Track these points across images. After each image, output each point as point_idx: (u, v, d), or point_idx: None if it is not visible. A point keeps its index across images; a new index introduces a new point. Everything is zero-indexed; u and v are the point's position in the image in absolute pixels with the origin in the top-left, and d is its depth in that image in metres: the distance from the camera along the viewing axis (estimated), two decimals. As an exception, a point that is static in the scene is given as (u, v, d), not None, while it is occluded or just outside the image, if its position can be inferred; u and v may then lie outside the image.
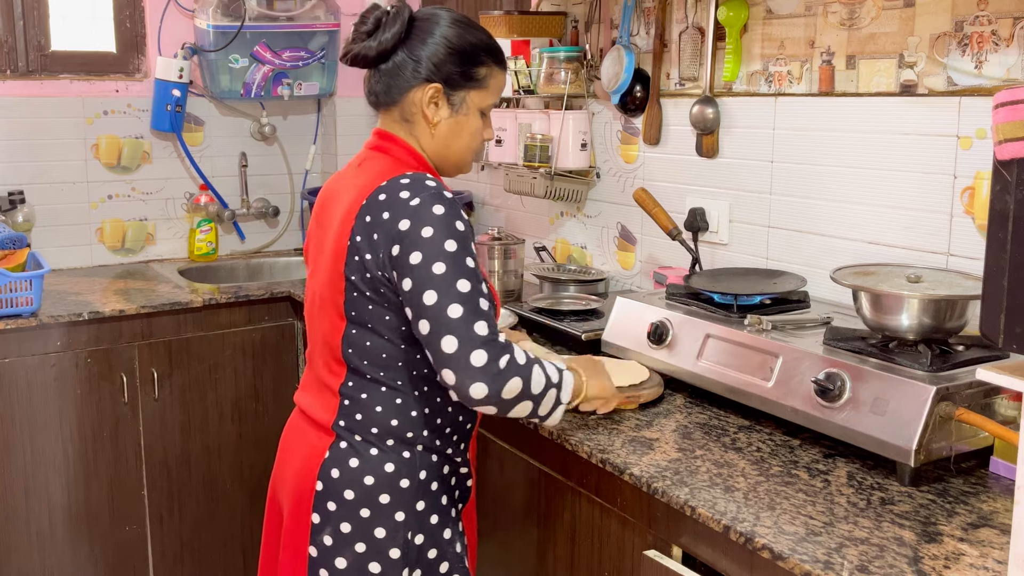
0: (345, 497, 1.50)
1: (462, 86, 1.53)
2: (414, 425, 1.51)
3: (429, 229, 1.39)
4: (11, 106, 3.06)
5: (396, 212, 1.42)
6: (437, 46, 1.50)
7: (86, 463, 2.67)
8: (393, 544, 1.50)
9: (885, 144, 1.93)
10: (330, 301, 1.50)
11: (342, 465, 1.51)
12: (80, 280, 3.03)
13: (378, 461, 1.50)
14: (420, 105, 1.52)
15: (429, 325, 1.37)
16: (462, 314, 1.35)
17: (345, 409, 1.52)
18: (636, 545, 1.60)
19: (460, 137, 1.56)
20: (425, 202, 1.41)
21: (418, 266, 1.38)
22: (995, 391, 1.50)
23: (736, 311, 1.88)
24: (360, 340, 1.49)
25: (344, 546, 1.51)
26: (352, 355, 1.50)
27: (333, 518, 1.51)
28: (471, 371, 1.35)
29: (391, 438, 1.51)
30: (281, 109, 3.54)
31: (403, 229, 1.40)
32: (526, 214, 3.01)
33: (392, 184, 1.45)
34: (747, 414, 1.80)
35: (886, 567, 1.23)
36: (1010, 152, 1.07)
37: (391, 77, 1.52)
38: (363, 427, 1.51)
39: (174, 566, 2.85)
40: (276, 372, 2.94)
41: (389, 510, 1.50)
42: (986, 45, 1.74)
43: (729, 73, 2.24)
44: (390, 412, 1.50)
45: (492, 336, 1.37)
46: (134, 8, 3.25)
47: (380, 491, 1.50)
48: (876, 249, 1.96)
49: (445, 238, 1.39)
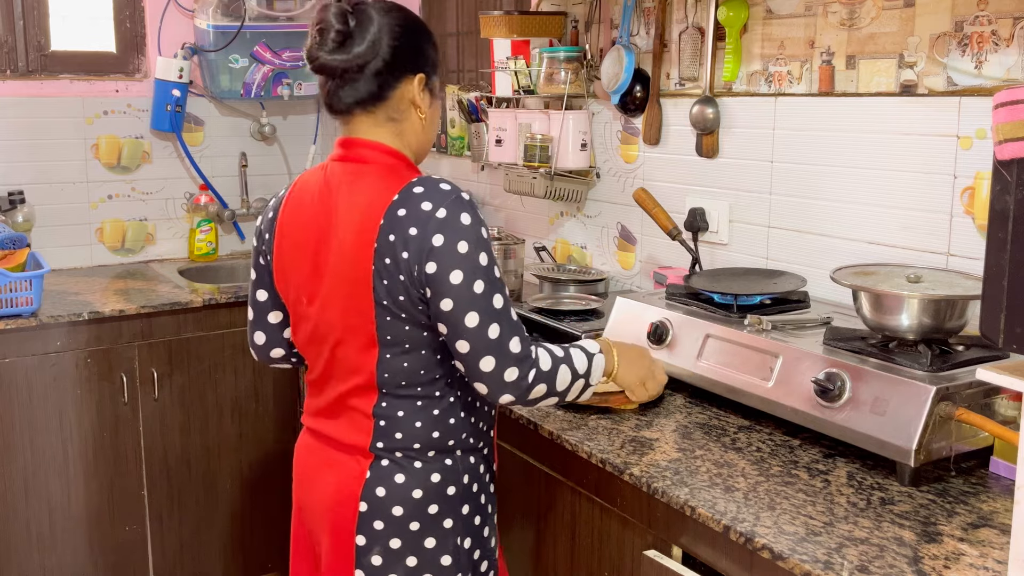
0: (393, 514, 1.47)
1: (436, 73, 1.53)
2: (454, 432, 1.50)
3: (464, 244, 1.38)
4: (11, 106, 3.06)
5: (424, 226, 1.38)
6: (417, 35, 1.48)
7: (86, 463, 2.67)
8: (444, 551, 1.49)
9: (885, 144, 1.93)
10: (359, 330, 1.44)
11: (387, 483, 1.47)
12: (80, 280, 3.03)
13: (424, 474, 1.48)
14: (411, 98, 1.49)
15: (469, 345, 1.40)
16: (500, 334, 1.40)
17: (381, 430, 1.48)
18: (636, 545, 1.60)
19: (436, 122, 1.57)
20: (452, 212, 1.39)
21: (459, 286, 1.37)
22: (995, 391, 1.50)
23: (736, 311, 1.88)
24: (397, 363, 1.45)
25: (395, 563, 1.48)
26: (388, 379, 1.46)
27: (381, 537, 1.48)
28: (503, 385, 1.42)
29: (433, 449, 1.49)
30: (281, 109, 3.54)
31: (437, 245, 1.37)
32: (526, 214, 3.01)
33: (407, 196, 1.40)
34: (747, 414, 1.80)
35: (886, 567, 1.23)
36: (1010, 152, 1.07)
37: (379, 75, 1.45)
38: (404, 444, 1.48)
39: (174, 566, 2.85)
40: (276, 372, 2.94)
41: (438, 519, 1.49)
42: (986, 45, 1.74)
43: (729, 73, 2.24)
44: (430, 425, 1.48)
45: (525, 352, 1.43)
46: (134, 8, 3.25)
47: (429, 502, 1.48)
48: (876, 249, 1.96)
49: (479, 251, 1.39)
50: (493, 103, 2.90)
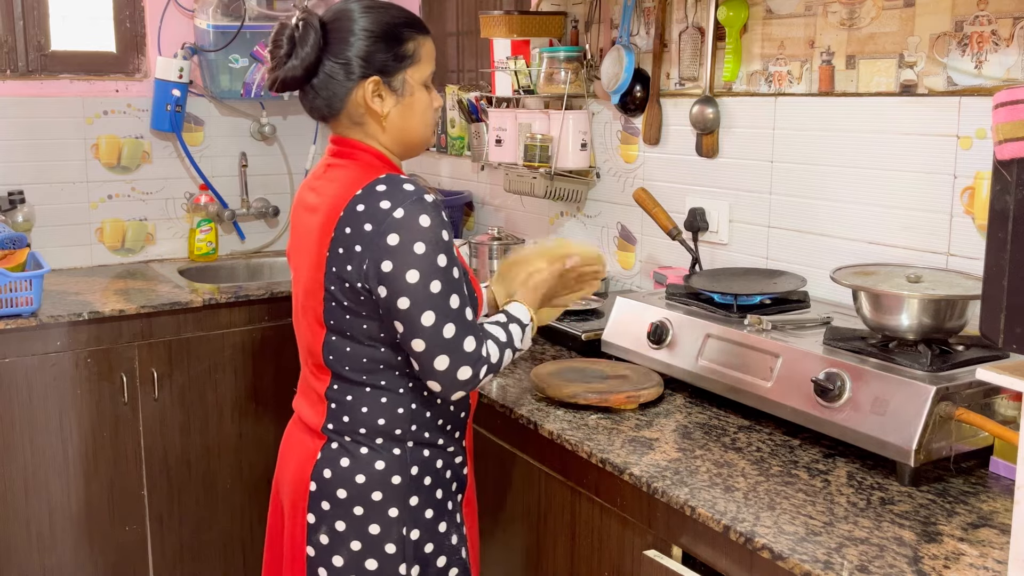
0: (338, 496, 1.52)
1: (397, 69, 1.50)
2: (403, 422, 1.52)
3: (421, 245, 1.40)
4: (11, 106, 3.06)
5: (380, 224, 1.40)
6: (359, 40, 1.46)
7: (86, 463, 2.67)
8: (388, 539, 1.52)
9: (885, 144, 1.93)
10: (310, 309, 1.52)
11: (334, 465, 1.52)
12: (80, 280, 3.03)
13: (368, 459, 1.52)
14: (364, 104, 1.49)
15: (424, 344, 1.43)
16: (455, 333, 1.43)
17: (332, 412, 1.54)
18: (636, 545, 1.60)
19: (413, 117, 1.54)
20: (410, 213, 1.40)
21: (414, 286, 1.40)
22: (995, 391, 1.50)
23: (736, 311, 1.88)
24: (340, 347, 1.51)
25: (340, 544, 1.53)
26: (334, 361, 1.52)
27: (328, 517, 1.53)
28: (456, 383, 1.46)
29: (380, 436, 1.52)
30: (281, 109, 3.54)
31: (392, 244, 1.40)
32: (526, 214, 3.01)
33: (369, 192, 1.43)
34: (747, 414, 1.80)
35: (886, 567, 1.23)
36: (1010, 152, 1.07)
37: (327, 88, 1.48)
38: (351, 428, 1.52)
39: (174, 566, 2.85)
40: (276, 372, 2.94)
41: (382, 507, 1.52)
42: (986, 45, 1.74)
43: (729, 73, 2.24)
44: (377, 412, 1.51)
45: (477, 351, 1.46)
46: (134, 8, 3.25)
47: (372, 489, 1.51)
48: (876, 249, 1.96)
49: (437, 253, 1.41)
50: (493, 103, 2.90)
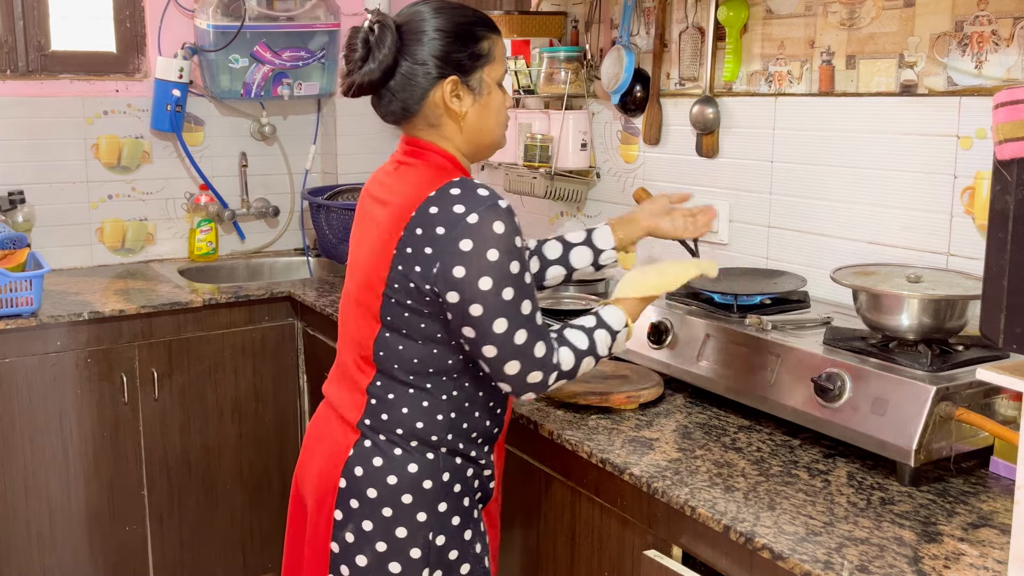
0: (368, 495, 1.50)
1: (474, 68, 1.50)
2: (439, 428, 1.51)
3: (495, 252, 1.39)
4: (11, 106, 3.06)
5: (453, 229, 1.40)
6: (436, 40, 1.47)
7: (86, 463, 2.67)
8: (414, 544, 1.50)
9: (885, 144, 1.93)
10: (365, 304, 1.50)
11: (366, 463, 1.51)
12: (80, 280, 3.03)
13: (402, 461, 1.50)
14: (442, 104, 1.50)
15: (496, 350, 1.43)
16: (526, 339, 1.44)
17: (372, 408, 1.52)
18: (636, 545, 1.60)
19: (489, 117, 1.55)
20: (485, 219, 1.40)
21: (487, 293, 1.40)
22: (995, 391, 1.50)
23: (736, 311, 1.88)
24: (393, 344, 1.49)
25: (365, 544, 1.51)
26: (383, 358, 1.50)
27: (355, 515, 1.51)
28: (527, 387, 1.48)
29: (415, 440, 1.51)
30: (281, 109, 3.54)
31: (465, 250, 1.39)
32: (526, 214, 3.01)
33: (442, 195, 1.43)
34: (747, 414, 1.80)
35: (886, 567, 1.23)
36: (1010, 152, 1.07)
37: (404, 91, 1.49)
38: (388, 427, 1.51)
39: (174, 566, 2.85)
40: (276, 372, 2.94)
41: (411, 510, 1.50)
42: (986, 45, 1.74)
43: (729, 73, 2.24)
44: (416, 414, 1.50)
45: (548, 356, 1.47)
46: (134, 8, 3.25)
47: (403, 491, 1.50)
48: (876, 249, 1.96)
49: (510, 260, 1.41)
50: (493, 103, 2.90)
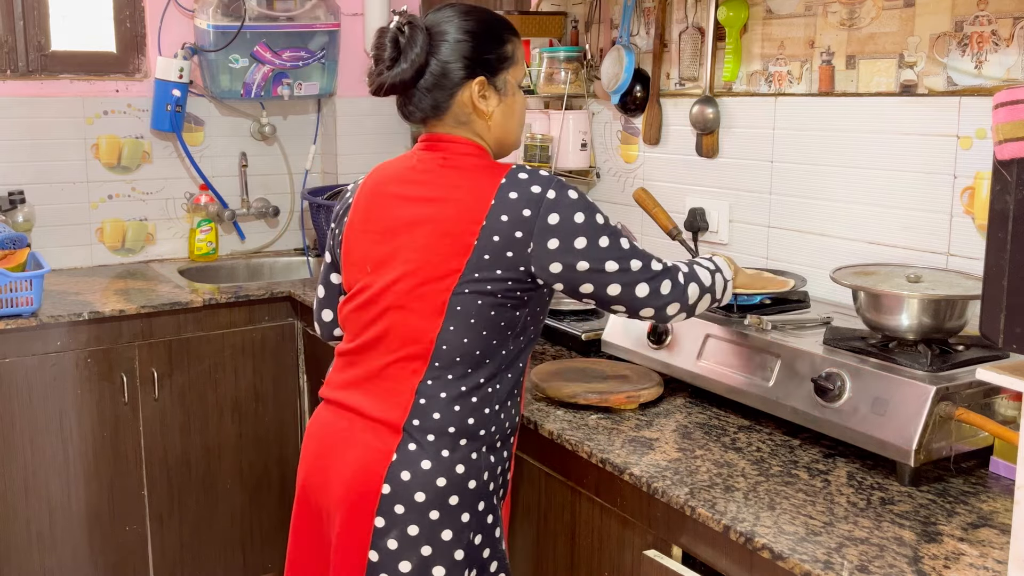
0: (416, 500, 1.48)
1: (500, 69, 1.56)
2: (486, 423, 1.51)
3: (580, 215, 1.48)
4: (11, 106, 3.06)
5: (538, 207, 1.47)
6: (465, 42, 1.52)
7: (86, 463, 2.67)
8: (458, 546, 1.50)
9: (885, 144, 1.93)
10: (429, 298, 1.48)
11: (413, 467, 1.48)
12: (80, 280, 3.03)
13: (450, 463, 1.49)
14: (471, 104, 1.53)
15: (619, 286, 1.51)
16: (641, 265, 1.52)
17: (420, 408, 1.49)
18: (636, 545, 1.60)
19: (513, 117, 1.60)
20: (560, 192, 1.48)
21: (586, 248, 1.48)
22: (995, 391, 1.50)
23: (736, 311, 1.88)
24: (457, 338, 1.48)
25: (409, 549, 1.48)
26: (444, 352, 1.49)
27: (400, 521, 1.48)
28: (665, 299, 1.54)
29: (465, 437, 1.50)
30: (281, 109, 3.54)
31: (554, 223, 1.47)
32: (526, 214, 3.01)
33: (515, 181, 1.49)
34: (747, 414, 1.80)
35: (886, 567, 1.23)
36: (1010, 152, 1.07)
37: (434, 89, 1.52)
38: (440, 426, 1.49)
39: (174, 566, 2.85)
40: (276, 372, 2.94)
41: (457, 512, 1.49)
42: (986, 45, 1.74)
43: (729, 73, 2.24)
44: (467, 411, 1.50)
45: (666, 265, 1.56)
46: (134, 8, 3.25)
47: (451, 493, 1.49)
48: (876, 249, 1.96)
49: (594, 213, 1.50)
50: (493, 103, 2.90)
